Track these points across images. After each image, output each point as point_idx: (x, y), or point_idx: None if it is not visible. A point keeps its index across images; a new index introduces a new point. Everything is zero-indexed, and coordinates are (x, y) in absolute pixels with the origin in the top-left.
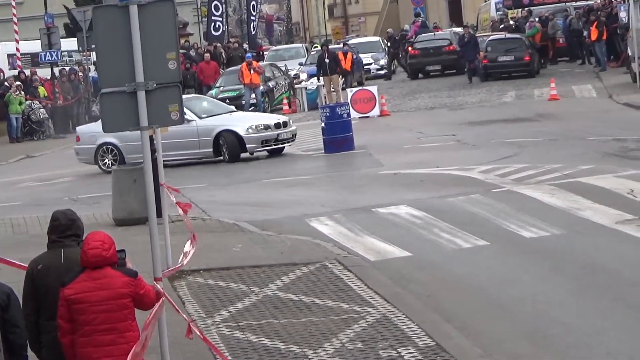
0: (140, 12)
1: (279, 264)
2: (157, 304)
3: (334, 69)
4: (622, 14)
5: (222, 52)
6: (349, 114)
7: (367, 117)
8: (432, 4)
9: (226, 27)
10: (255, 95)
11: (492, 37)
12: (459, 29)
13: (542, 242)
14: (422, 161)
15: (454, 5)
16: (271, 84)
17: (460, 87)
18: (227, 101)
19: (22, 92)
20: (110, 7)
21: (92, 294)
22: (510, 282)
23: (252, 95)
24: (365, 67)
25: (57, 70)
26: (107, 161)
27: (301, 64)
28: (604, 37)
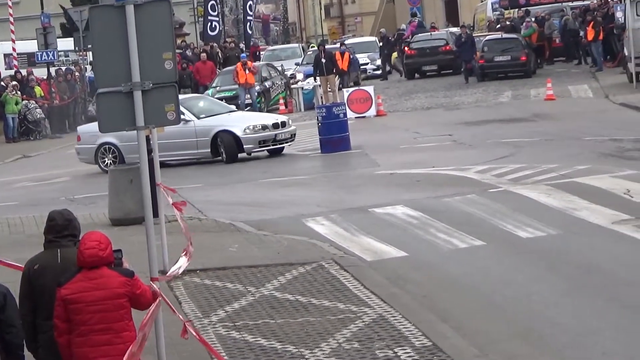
0: (136, 12)
1: (276, 264)
2: (154, 304)
3: (331, 69)
4: (619, 14)
5: (219, 52)
6: (345, 114)
7: (364, 117)
8: (429, 4)
9: (222, 27)
10: (250, 95)
11: (489, 37)
12: (455, 29)
13: (538, 242)
14: (419, 161)
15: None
16: (267, 84)
17: (456, 87)
18: (224, 101)
19: (19, 92)
20: (106, 7)
21: (88, 293)
22: (506, 282)
23: (247, 95)
24: (361, 67)
25: (53, 70)
26: (107, 161)
27: (297, 64)
28: (601, 37)
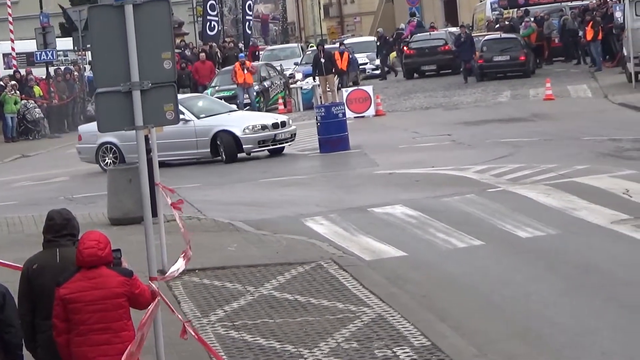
0: (135, 12)
1: (274, 263)
2: (153, 304)
3: (330, 68)
4: (618, 14)
5: (218, 52)
6: (344, 114)
7: (363, 116)
8: (428, 3)
9: (221, 27)
10: (248, 95)
11: (488, 37)
12: (454, 29)
13: (537, 242)
14: (418, 161)
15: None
16: (266, 84)
17: (455, 87)
18: (223, 101)
19: (18, 92)
20: (105, 6)
21: (87, 293)
22: (504, 281)
23: (246, 95)
24: (360, 67)
25: (52, 69)
26: (107, 160)
27: (296, 64)
28: (600, 37)
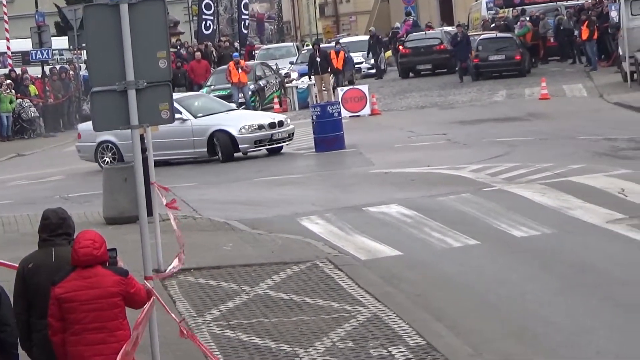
0: (131, 11)
1: (270, 262)
2: (148, 303)
3: (326, 67)
4: (613, 13)
5: (213, 51)
6: (339, 113)
7: (358, 116)
8: (423, 3)
9: (217, 26)
10: (243, 94)
11: (483, 36)
12: (450, 28)
13: (533, 241)
14: (413, 160)
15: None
16: (262, 83)
17: (451, 86)
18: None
19: (13, 91)
20: (101, 5)
21: (82, 292)
22: (500, 281)
23: (241, 94)
24: (356, 66)
25: (47, 68)
26: (106, 159)
27: (292, 63)
28: (595, 36)
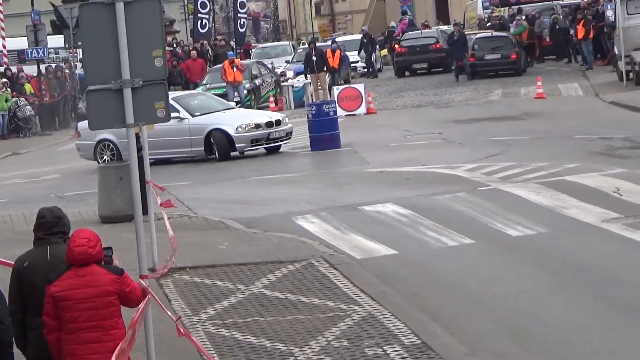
0: (126, 10)
1: (265, 261)
2: (143, 302)
3: (322, 66)
4: (609, 13)
5: (209, 50)
6: (335, 112)
7: (354, 114)
8: (419, 2)
9: (213, 25)
10: (238, 93)
11: (479, 36)
12: (445, 27)
13: (528, 241)
14: (408, 159)
15: (441, 3)
16: (257, 82)
17: (446, 85)
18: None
19: (9, 89)
20: (96, 4)
21: (77, 291)
22: (495, 280)
23: (236, 93)
24: (351, 65)
25: (43, 67)
26: (105, 157)
27: (288, 62)
28: (591, 35)
